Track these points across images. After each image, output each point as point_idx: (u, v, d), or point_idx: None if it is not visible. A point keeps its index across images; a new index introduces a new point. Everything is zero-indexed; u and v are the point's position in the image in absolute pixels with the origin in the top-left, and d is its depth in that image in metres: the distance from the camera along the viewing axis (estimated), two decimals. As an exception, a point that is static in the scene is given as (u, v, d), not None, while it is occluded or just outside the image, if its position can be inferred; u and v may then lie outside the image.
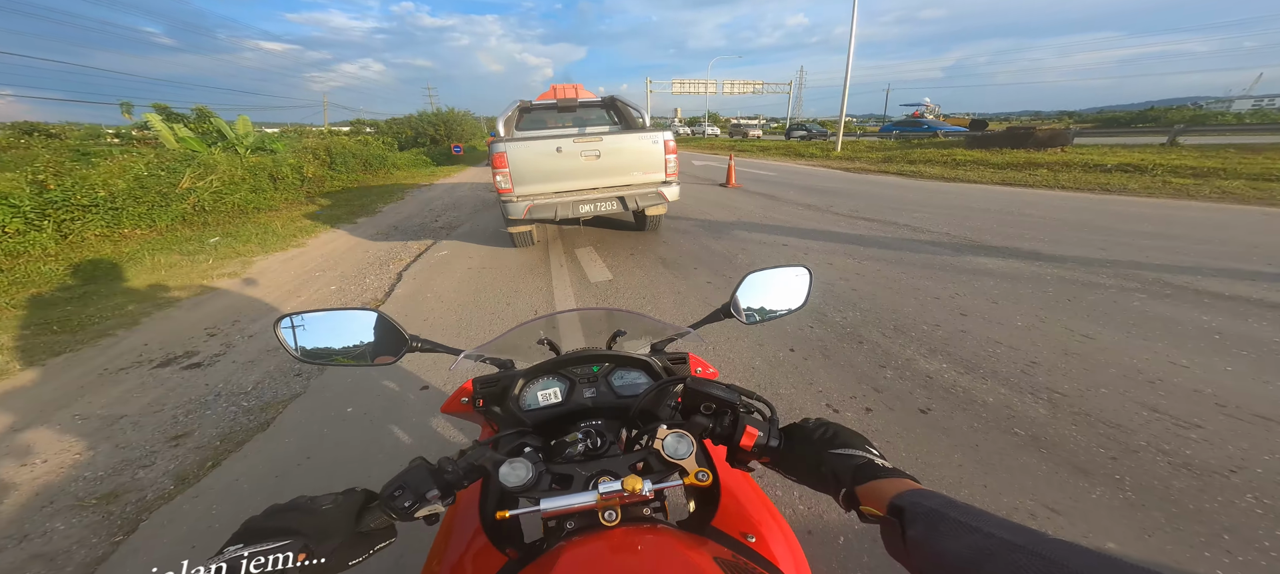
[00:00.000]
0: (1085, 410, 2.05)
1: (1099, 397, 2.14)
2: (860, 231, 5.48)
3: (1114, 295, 3.27)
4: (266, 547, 0.43)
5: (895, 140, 21.86)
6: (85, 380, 2.79)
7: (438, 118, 30.83)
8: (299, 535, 0.45)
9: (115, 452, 2.13)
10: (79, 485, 1.92)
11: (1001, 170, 10.15)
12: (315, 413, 2.37)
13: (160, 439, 2.21)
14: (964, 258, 4.26)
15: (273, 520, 0.47)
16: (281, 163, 10.54)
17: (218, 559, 0.42)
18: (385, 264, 5.08)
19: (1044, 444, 1.87)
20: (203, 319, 3.66)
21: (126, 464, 2.05)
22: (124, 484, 1.93)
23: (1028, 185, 8.55)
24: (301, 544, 0.44)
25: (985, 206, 6.69)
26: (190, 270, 4.88)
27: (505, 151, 4.36)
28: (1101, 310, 3.04)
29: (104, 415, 2.42)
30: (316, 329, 0.81)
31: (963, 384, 2.30)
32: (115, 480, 1.95)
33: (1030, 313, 3.06)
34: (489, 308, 3.66)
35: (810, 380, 2.43)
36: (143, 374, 2.85)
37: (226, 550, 0.43)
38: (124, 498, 1.85)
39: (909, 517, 0.40)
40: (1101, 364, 2.41)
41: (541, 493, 0.55)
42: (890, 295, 3.48)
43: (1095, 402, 2.11)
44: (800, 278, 0.98)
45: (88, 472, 2.00)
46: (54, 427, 2.34)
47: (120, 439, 2.22)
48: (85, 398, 2.60)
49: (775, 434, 0.58)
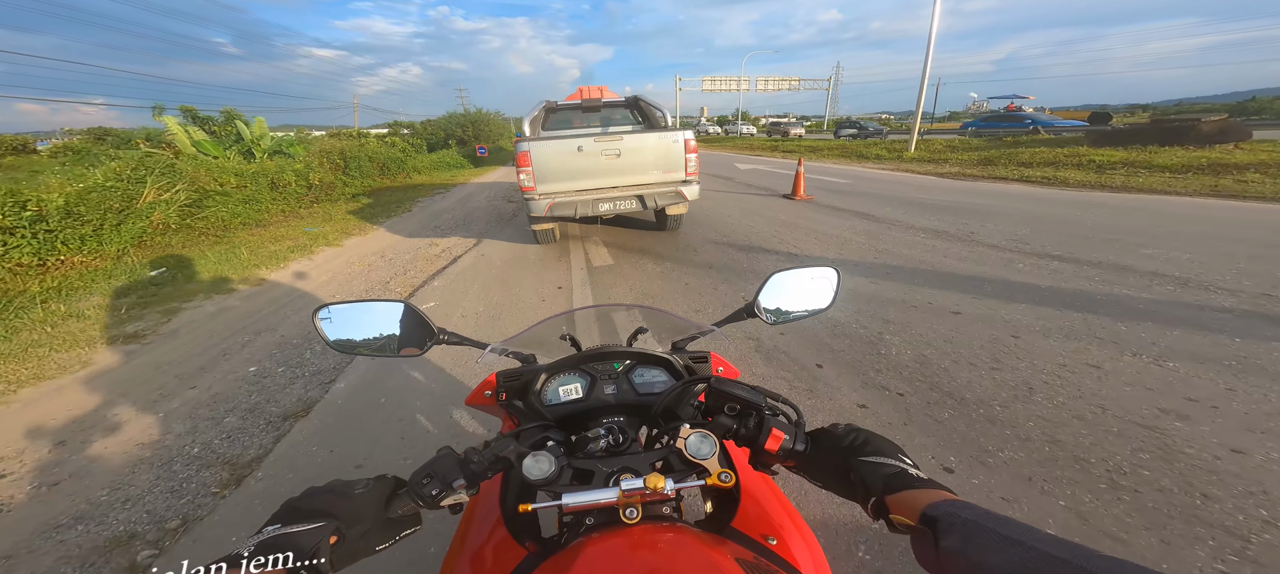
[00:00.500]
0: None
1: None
2: (1079, 287, 3.35)
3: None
4: (302, 528, 0.44)
5: (984, 138, 18.78)
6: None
7: (465, 119, 30.31)
8: (332, 518, 0.46)
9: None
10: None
11: (1180, 176, 7.87)
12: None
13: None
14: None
15: (309, 502, 0.48)
16: (285, 168, 9.51)
17: (255, 538, 0.43)
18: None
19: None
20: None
21: None
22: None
23: (1241, 195, 6.44)
24: (334, 527, 0.46)
25: (1242, 234, 4.46)
26: (77, 335, 3.49)
27: (528, 150, 4.43)
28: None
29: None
30: (350, 320, 0.83)
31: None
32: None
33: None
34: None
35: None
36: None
37: (266, 529, 0.45)
38: None
39: (943, 527, 0.39)
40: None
41: (563, 487, 0.55)
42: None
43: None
44: (827, 279, 0.95)
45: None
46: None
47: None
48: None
49: (801, 438, 0.57)
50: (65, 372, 2.88)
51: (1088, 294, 3.24)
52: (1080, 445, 1.81)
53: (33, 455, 2.11)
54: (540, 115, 5.60)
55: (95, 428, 2.31)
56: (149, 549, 1.60)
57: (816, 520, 1.47)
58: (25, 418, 2.40)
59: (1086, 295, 3.21)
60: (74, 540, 1.63)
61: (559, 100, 6.00)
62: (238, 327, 3.52)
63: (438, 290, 4.20)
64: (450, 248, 5.78)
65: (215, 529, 1.69)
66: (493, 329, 3.20)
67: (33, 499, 1.85)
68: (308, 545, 0.43)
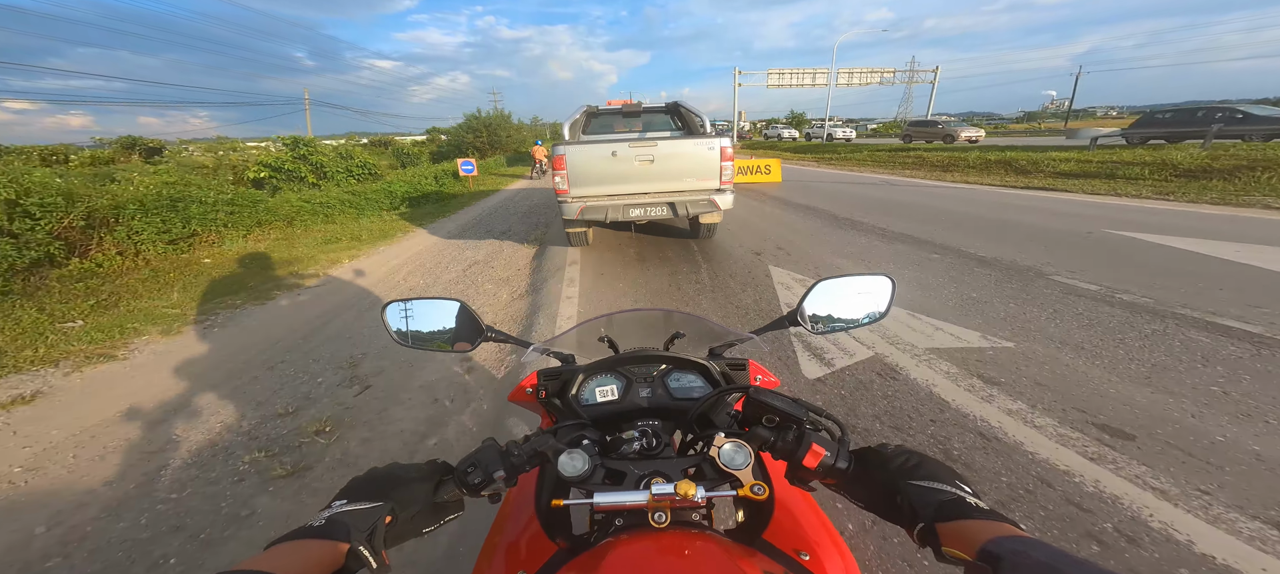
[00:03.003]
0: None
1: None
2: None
3: None
4: (364, 506, 0.49)
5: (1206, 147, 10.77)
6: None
7: (480, 123, 27.22)
8: (389, 500, 0.51)
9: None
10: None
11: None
12: None
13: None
14: None
15: (370, 482, 0.53)
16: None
17: (326, 512, 0.49)
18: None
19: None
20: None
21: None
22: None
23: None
24: (389, 508, 0.50)
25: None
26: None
27: (565, 154, 4.52)
28: None
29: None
30: (412, 315, 0.90)
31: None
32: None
33: None
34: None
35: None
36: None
37: (334, 503, 0.50)
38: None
39: (1008, 566, 0.35)
40: None
41: (595, 486, 0.56)
42: None
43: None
44: (880, 288, 0.90)
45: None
46: None
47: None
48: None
49: (844, 456, 0.55)
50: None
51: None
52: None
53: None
54: (581, 119, 5.70)
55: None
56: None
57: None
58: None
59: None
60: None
61: (599, 105, 6.11)
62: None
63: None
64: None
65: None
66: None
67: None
68: (366, 524, 0.47)
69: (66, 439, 2.29)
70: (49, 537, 1.71)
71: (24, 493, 1.94)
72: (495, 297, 4.30)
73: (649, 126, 6.27)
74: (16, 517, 1.80)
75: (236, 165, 11.43)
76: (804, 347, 2.85)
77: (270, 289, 4.57)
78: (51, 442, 2.27)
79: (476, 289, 4.52)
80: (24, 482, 2.00)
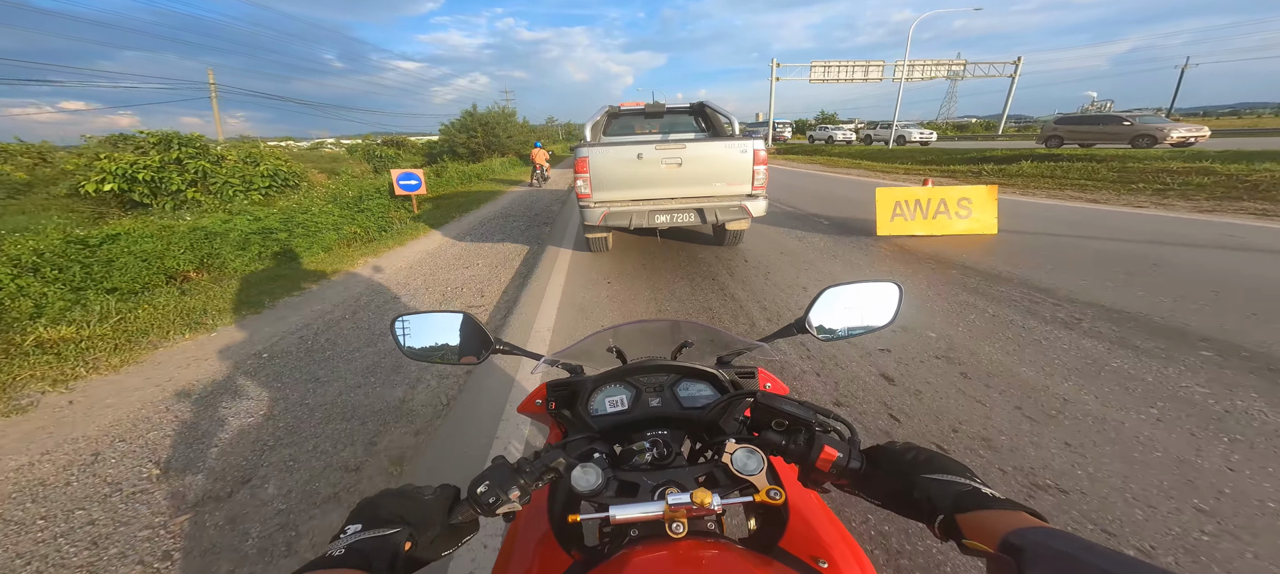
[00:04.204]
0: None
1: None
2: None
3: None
4: (381, 533, 0.47)
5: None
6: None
7: (473, 121, 22.79)
8: (406, 524, 0.49)
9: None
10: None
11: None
12: None
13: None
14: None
15: (385, 506, 0.51)
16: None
17: (342, 540, 0.47)
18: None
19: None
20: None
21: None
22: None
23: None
24: (407, 533, 0.48)
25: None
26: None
27: (587, 156, 4.34)
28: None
29: None
30: (419, 329, 0.90)
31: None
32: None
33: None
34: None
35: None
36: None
37: (348, 528, 0.48)
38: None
39: (1030, 557, 0.35)
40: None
41: (609, 499, 0.56)
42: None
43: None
44: (887, 295, 0.90)
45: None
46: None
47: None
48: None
49: (856, 456, 0.54)
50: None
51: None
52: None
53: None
54: (602, 120, 5.53)
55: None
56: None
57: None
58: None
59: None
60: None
61: (620, 106, 5.89)
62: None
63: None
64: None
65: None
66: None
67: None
68: (386, 551, 0.46)
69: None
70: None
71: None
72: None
73: (672, 128, 5.96)
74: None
75: (76, 170, 7.78)
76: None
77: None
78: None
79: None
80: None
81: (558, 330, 3.48)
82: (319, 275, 5.17)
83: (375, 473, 2.09)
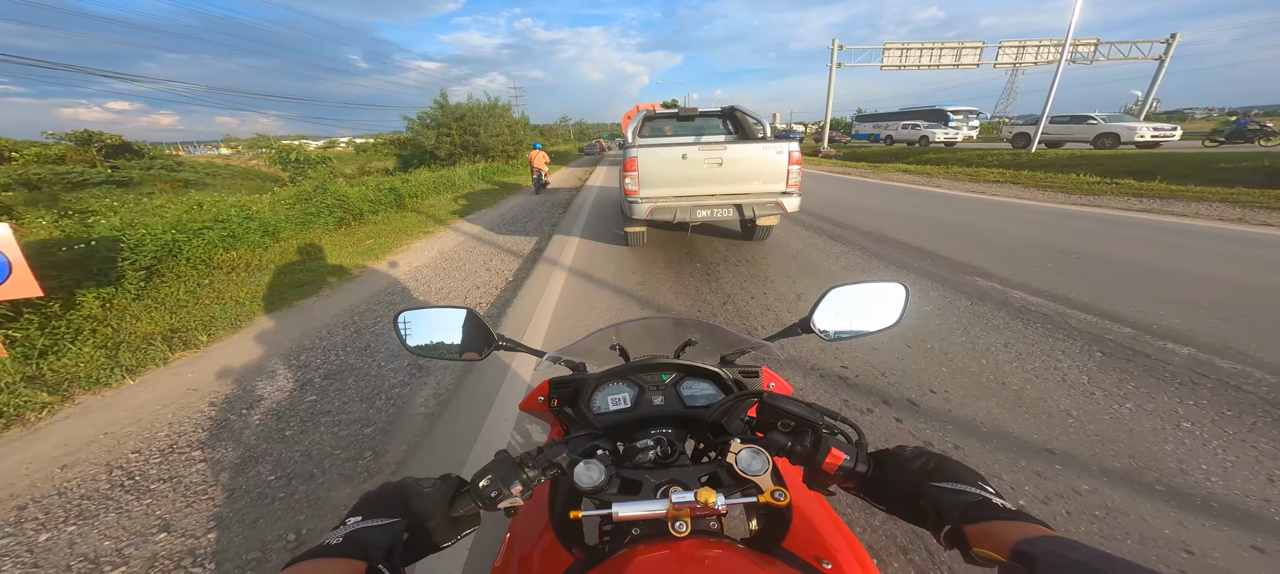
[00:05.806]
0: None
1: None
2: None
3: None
4: (380, 523, 0.48)
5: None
6: None
7: (446, 115, 17.24)
8: (405, 516, 0.50)
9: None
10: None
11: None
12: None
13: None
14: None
15: (385, 498, 0.52)
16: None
17: (341, 529, 0.47)
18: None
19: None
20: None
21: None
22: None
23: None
24: (406, 524, 0.50)
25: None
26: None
27: (636, 156, 4.63)
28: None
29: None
30: (422, 325, 0.90)
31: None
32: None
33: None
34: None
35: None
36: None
37: (348, 520, 0.49)
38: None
39: (1044, 567, 0.35)
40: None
41: (611, 496, 0.56)
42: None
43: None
44: (893, 296, 0.89)
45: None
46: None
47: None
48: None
49: (863, 459, 0.54)
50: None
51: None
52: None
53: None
54: (639, 123, 5.88)
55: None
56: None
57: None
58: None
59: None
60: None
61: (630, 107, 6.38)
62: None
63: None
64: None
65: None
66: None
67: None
68: (384, 541, 0.46)
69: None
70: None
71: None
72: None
73: (702, 131, 6.26)
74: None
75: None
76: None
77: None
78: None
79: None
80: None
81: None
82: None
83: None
